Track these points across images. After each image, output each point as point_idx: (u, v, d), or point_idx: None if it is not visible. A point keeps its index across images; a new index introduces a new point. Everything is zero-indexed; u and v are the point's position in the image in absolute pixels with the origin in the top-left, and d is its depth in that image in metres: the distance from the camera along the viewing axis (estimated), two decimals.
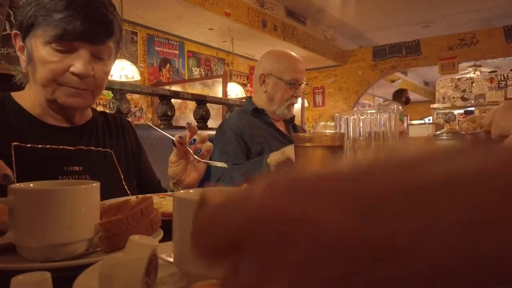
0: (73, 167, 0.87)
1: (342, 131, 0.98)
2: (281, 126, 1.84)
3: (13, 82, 0.92)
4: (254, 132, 1.66)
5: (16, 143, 0.82)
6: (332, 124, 1.13)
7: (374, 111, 0.97)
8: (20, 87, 0.92)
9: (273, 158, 1.42)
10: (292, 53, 1.81)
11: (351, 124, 0.98)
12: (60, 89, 0.83)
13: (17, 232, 0.45)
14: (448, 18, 6.30)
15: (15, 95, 0.90)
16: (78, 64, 0.81)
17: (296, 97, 1.77)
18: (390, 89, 10.21)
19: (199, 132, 0.95)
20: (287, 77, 1.72)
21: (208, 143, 0.95)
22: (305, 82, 1.81)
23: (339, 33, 7.04)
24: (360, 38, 7.42)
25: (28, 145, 0.83)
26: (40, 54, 0.81)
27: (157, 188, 1.12)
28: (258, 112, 1.76)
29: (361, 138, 0.97)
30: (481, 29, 6.57)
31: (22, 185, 0.49)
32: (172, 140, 0.92)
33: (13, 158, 0.80)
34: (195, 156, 0.94)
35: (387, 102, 1.03)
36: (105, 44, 0.85)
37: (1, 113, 0.85)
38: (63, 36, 0.79)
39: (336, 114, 1.03)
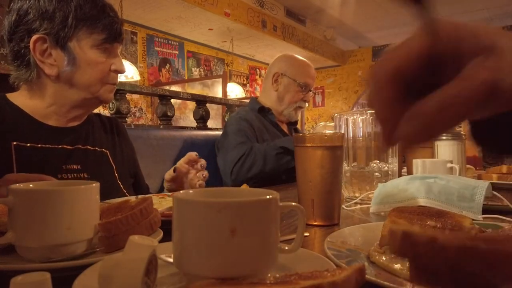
0: (72, 166, 0.89)
1: (342, 131, 0.98)
2: (284, 128, 1.86)
3: (11, 83, 0.92)
4: (262, 129, 1.69)
5: (15, 142, 0.83)
6: (332, 124, 1.13)
7: (373, 111, 0.97)
8: (12, 89, 0.93)
9: None
10: (306, 60, 1.88)
11: (350, 124, 0.98)
12: (104, 87, 0.92)
13: (17, 233, 0.45)
14: (448, 18, 6.30)
15: (11, 97, 0.91)
16: (118, 62, 0.93)
17: (305, 101, 1.82)
18: None
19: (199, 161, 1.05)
20: (300, 79, 1.78)
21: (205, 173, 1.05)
22: (313, 91, 1.87)
23: (338, 33, 7.04)
24: (359, 38, 7.41)
25: (28, 145, 0.84)
26: (87, 56, 0.87)
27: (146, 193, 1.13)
28: (264, 111, 1.78)
29: (361, 138, 0.97)
30: None
31: (21, 185, 0.49)
32: (174, 168, 1.03)
33: (14, 157, 0.81)
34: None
35: None
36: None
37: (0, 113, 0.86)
38: (109, 39, 0.89)
39: (335, 114, 1.03)
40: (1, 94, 0.91)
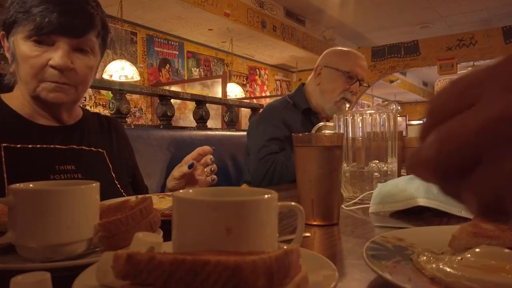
0: (65, 166, 0.86)
1: (342, 131, 0.98)
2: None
3: (4, 83, 0.91)
4: (299, 132, 1.63)
5: (5, 144, 0.81)
6: (331, 124, 1.13)
7: (373, 111, 0.98)
8: (10, 88, 0.92)
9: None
10: (357, 52, 1.72)
11: (350, 124, 0.98)
12: (41, 85, 0.82)
13: (17, 232, 0.45)
14: (447, 18, 6.31)
15: (4, 97, 0.89)
16: (56, 57, 0.80)
17: (352, 92, 1.62)
18: (389, 90, 10.22)
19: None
20: (344, 68, 1.61)
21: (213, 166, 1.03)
22: (366, 84, 1.65)
23: (338, 33, 7.04)
24: (359, 39, 7.42)
25: (18, 146, 0.82)
26: (20, 50, 0.80)
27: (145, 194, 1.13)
28: (309, 112, 1.67)
29: (360, 138, 0.97)
30: (479, 30, 6.58)
31: (21, 185, 0.49)
32: (189, 165, 0.99)
33: (3, 159, 0.79)
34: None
35: (386, 102, 1.03)
36: (85, 37, 0.84)
37: None
38: (40, 29, 0.78)
39: (335, 115, 1.03)
40: None
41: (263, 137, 1.55)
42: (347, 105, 1.65)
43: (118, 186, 0.97)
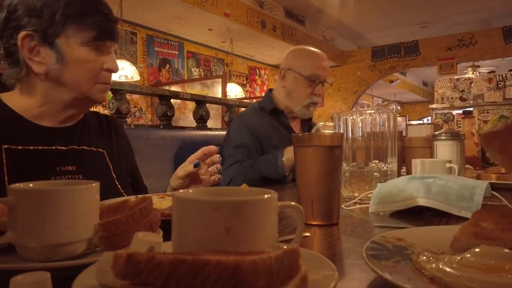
0: (66, 167, 0.87)
1: (341, 131, 0.98)
2: (296, 126, 1.78)
3: (5, 82, 0.89)
4: (270, 135, 1.61)
5: (6, 145, 0.81)
6: (331, 124, 1.13)
7: (373, 111, 0.98)
8: (6, 88, 0.91)
9: (287, 157, 1.39)
10: (318, 50, 1.74)
11: (350, 124, 0.98)
12: (95, 86, 0.89)
13: (17, 232, 0.45)
14: (447, 18, 6.31)
15: (3, 97, 0.88)
16: (111, 61, 0.90)
17: (316, 95, 1.67)
18: (389, 90, 10.23)
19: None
20: (306, 72, 1.65)
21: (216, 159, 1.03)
22: (329, 82, 1.71)
23: (338, 33, 7.04)
24: (359, 39, 7.42)
25: (20, 147, 0.82)
26: (76, 54, 0.84)
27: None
28: (276, 113, 1.69)
29: (360, 138, 0.97)
30: (479, 30, 6.58)
31: (21, 185, 0.49)
32: (195, 164, 0.99)
33: (4, 161, 0.79)
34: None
35: (386, 102, 1.03)
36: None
37: None
38: (100, 37, 0.86)
39: (335, 115, 1.03)
40: None
41: (231, 144, 1.57)
42: (314, 107, 1.71)
43: (119, 186, 0.97)
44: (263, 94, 8.21)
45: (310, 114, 1.73)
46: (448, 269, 0.39)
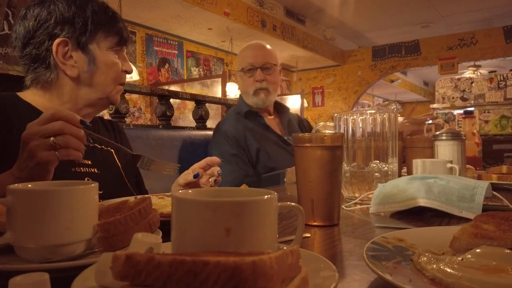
0: (84, 161, 0.93)
1: (342, 131, 0.98)
2: (274, 123, 1.78)
3: (23, 84, 0.95)
4: (249, 137, 1.62)
5: None
6: (332, 124, 1.13)
7: (373, 111, 0.97)
8: (11, 88, 0.95)
9: (289, 176, 1.41)
10: (255, 41, 1.79)
11: (350, 124, 0.98)
12: (116, 87, 0.98)
13: (15, 233, 0.45)
14: (448, 18, 6.31)
15: (22, 95, 0.94)
16: (127, 63, 1.00)
17: (258, 81, 1.68)
18: (389, 89, 10.22)
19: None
20: (241, 66, 1.73)
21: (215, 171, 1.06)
22: (274, 64, 1.71)
23: (338, 33, 7.04)
24: (359, 38, 7.42)
25: None
26: (105, 58, 0.94)
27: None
28: (252, 115, 1.72)
29: (361, 138, 0.97)
30: (480, 29, 6.58)
31: (20, 185, 0.49)
32: (195, 175, 1.02)
33: None
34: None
35: (386, 102, 1.03)
36: None
37: (13, 110, 0.89)
38: (121, 42, 0.97)
39: (335, 114, 1.03)
40: (12, 93, 0.94)
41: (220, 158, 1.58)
42: (266, 93, 1.70)
43: (128, 184, 1.02)
44: None
45: (264, 102, 1.72)
46: (449, 270, 0.39)
